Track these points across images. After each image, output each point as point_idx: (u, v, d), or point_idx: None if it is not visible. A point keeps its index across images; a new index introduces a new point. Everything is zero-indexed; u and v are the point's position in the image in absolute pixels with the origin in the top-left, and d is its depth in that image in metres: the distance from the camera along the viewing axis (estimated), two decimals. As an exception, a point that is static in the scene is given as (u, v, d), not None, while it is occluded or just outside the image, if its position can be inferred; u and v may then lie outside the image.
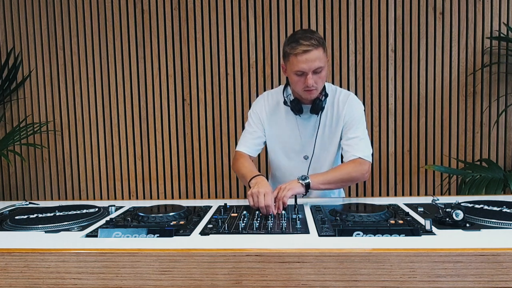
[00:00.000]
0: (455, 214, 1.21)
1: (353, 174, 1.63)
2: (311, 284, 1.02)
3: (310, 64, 1.55)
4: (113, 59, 3.01)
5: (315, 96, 1.66)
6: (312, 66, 1.55)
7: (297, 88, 1.63)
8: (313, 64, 1.55)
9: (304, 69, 1.56)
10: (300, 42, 1.54)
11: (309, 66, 1.55)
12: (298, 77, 1.59)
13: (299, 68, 1.56)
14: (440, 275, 1.00)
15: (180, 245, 1.09)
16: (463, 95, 2.85)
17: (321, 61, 1.57)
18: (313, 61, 1.55)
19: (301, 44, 1.54)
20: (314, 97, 1.66)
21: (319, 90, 1.64)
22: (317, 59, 1.55)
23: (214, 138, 3.02)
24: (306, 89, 1.60)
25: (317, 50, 1.55)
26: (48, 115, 3.09)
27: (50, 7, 3.00)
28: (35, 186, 3.16)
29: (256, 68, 2.92)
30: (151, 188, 3.09)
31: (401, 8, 2.82)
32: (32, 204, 1.67)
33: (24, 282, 1.07)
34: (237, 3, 2.90)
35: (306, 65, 1.55)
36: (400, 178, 2.94)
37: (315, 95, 1.65)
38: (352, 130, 1.69)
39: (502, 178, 2.46)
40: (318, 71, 1.58)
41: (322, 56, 1.57)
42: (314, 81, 1.58)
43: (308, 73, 1.56)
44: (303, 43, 1.54)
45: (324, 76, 1.62)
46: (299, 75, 1.59)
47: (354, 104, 1.73)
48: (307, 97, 1.65)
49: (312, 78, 1.57)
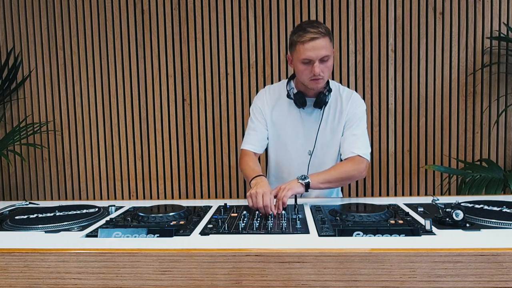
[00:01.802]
0: (455, 214, 1.21)
1: (352, 173, 1.63)
2: (311, 284, 1.02)
3: (317, 52, 1.55)
4: (113, 59, 3.01)
5: (321, 86, 1.65)
6: (319, 54, 1.55)
7: (303, 78, 1.63)
8: (320, 52, 1.55)
9: (311, 57, 1.55)
10: (307, 30, 1.55)
11: (316, 54, 1.55)
12: (305, 65, 1.59)
13: (306, 56, 1.56)
14: (440, 275, 1.00)
15: (180, 245, 1.09)
16: (463, 95, 2.85)
17: (327, 49, 1.57)
18: (320, 49, 1.55)
19: (308, 32, 1.54)
20: (320, 87, 1.65)
21: (325, 80, 1.64)
22: (323, 48, 1.55)
23: (214, 138, 3.02)
24: (313, 78, 1.60)
25: (324, 38, 1.55)
26: (48, 115, 3.09)
27: (50, 7, 3.00)
28: (35, 186, 3.16)
29: (256, 68, 2.92)
30: (151, 188, 3.09)
31: (401, 8, 2.82)
32: (32, 204, 1.67)
33: (24, 282, 1.07)
34: (237, 3, 2.90)
35: (313, 52, 1.55)
36: (400, 178, 2.94)
37: (322, 84, 1.64)
38: (353, 128, 1.70)
39: (502, 178, 2.46)
40: (325, 60, 1.58)
41: (328, 45, 1.57)
42: (320, 70, 1.57)
43: (315, 61, 1.56)
44: (310, 30, 1.54)
45: (330, 66, 1.62)
46: (305, 63, 1.58)
47: (357, 102, 1.74)
48: (313, 86, 1.64)
49: (318, 67, 1.57)
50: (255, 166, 1.68)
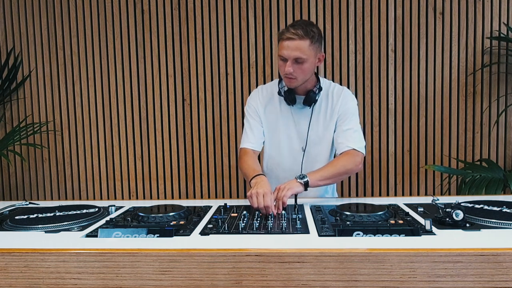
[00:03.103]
0: (455, 214, 1.21)
1: (348, 167, 1.65)
2: (311, 284, 1.02)
3: (290, 52, 1.59)
4: (113, 59, 3.01)
5: (294, 86, 1.69)
6: (291, 55, 1.59)
7: (281, 73, 1.68)
8: (293, 53, 1.58)
9: (284, 54, 1.61)
10: (288, 29, 1.59)
11: (288, 53, 1.59)
12: (282, 62, 1.65)
13: (281, 53, 1.62)
14: (440, 275, 1.00)
15: (180, 245, 1.09)
16: (463, 95, 2.85)
17: (302, 52, 1.58)
18: (294, 50, 1.58)
19: (288, 31, 1.59)
20: (293, 86, 1.69)
21: (300, 80, 1.66)
22: (298, 49, 1.58)
23: (214, 138, 3.02)
24: (285, 75, 1.65)
25: (302, 41, 1.57)
26: (48, 115, 3.09)
27: (50, 7, 3.00)
28: (35, 186, 3.16)
29: (256, 68, 2.92)
30: (151, 188, 3.09)
31: (401, 8, 2.82)
32: (32, 204, 1.67)
33: (24, 282, 1.07)
34: (237, 3, 2.90)
35: (287, 52, 1.59)
36: (400, 178, 2.94)
37: (294, 84, 1.68)
38: (346, 122, 1.72)
39: (502, 178, 2.46)
40: (299, 61, 1.61)
41: (306, 48, 1.59)
42: (293, 70, 1.61)
43: (288, 60, 1.60)
44: (290, 30, 1.58)
45: (307, 68, 1.64)
46: (281, 60, 1.64)
47: (348, 97, 1.76)
48: (286, 83, 1.70)
49: (290, 66, 1.60)
50: (255, 165, 1.68)
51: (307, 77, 1.68)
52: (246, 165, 1.69)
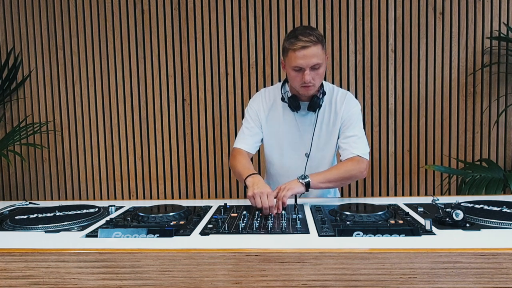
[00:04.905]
0: (455, 214, 1.21)
1: (352, 172, 1.63)
2: (311, 284, 1.02)
3: (308, 60, 1.56)
4: (113, 59, 3.01)
5: (312, 93, 1.66)
6: (310, 63, 1.56)
7: (295, 84, 1.64)
8: (311, 61, 1.56)
9: (301, 65, 1.56)
10: (299, 38, 1.55)
11: (306, 62, 1.56)
12: (296, 72, 1.60)
13: (297, 63, 1.57)
14: (440, 275, 1.00)
15: (180, 245, 1.09)
16: (463, 95, 2.85)
17: (319, 58, 1.57)
18: (311, 57, 1.55)
19: (300, 40, 1.55)
20: (311, 94, 1.67)
21: (317, 86, 1.65)
22: (314, 56, 1.56)
23: (214, 138, 3.02)
24: (303, 85, 1.61)
25: (316, 46, 1.56)
26: (48, 115, 3.09)
27: (50, 7, 3.00)
28: (35, 186, 3.16)
29: (256, 68, 2.92)
30: (151, 188, 3.09)
31: (401, 8, 2.82)
32: (32, 204, 1.67)
33: (24, 282, 1.07)
34: (237, 3, 2.90)
35: (304, 61, 1.56)
36: (400, 178, 2.94)
37: (312, 91, 1.65)
38: (350, 129, 1.70)
39: (502, 178, 2.46)
40: (315, 68, 1.59)
41: (320, 53, 1.58)
42: (311, 78, 1.59)
43: (305, 69, 1.57)
44: (302, 39, 1.55)
45: (322, 73, 1.63)
46: (296, 71, 1.60)
47: (352, 103, 1.74)
48: (304, 93, 1.66)
49: (309, 74, 1.58)
50: (248, 164, 1.67)
51: (321, 82, 1.68)
52: (239, 164, 1.67)
